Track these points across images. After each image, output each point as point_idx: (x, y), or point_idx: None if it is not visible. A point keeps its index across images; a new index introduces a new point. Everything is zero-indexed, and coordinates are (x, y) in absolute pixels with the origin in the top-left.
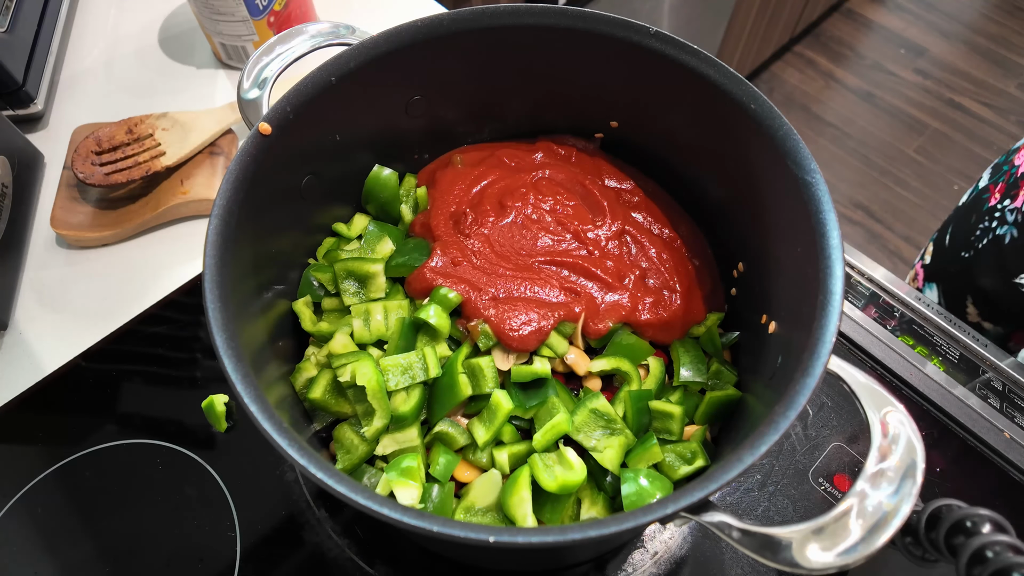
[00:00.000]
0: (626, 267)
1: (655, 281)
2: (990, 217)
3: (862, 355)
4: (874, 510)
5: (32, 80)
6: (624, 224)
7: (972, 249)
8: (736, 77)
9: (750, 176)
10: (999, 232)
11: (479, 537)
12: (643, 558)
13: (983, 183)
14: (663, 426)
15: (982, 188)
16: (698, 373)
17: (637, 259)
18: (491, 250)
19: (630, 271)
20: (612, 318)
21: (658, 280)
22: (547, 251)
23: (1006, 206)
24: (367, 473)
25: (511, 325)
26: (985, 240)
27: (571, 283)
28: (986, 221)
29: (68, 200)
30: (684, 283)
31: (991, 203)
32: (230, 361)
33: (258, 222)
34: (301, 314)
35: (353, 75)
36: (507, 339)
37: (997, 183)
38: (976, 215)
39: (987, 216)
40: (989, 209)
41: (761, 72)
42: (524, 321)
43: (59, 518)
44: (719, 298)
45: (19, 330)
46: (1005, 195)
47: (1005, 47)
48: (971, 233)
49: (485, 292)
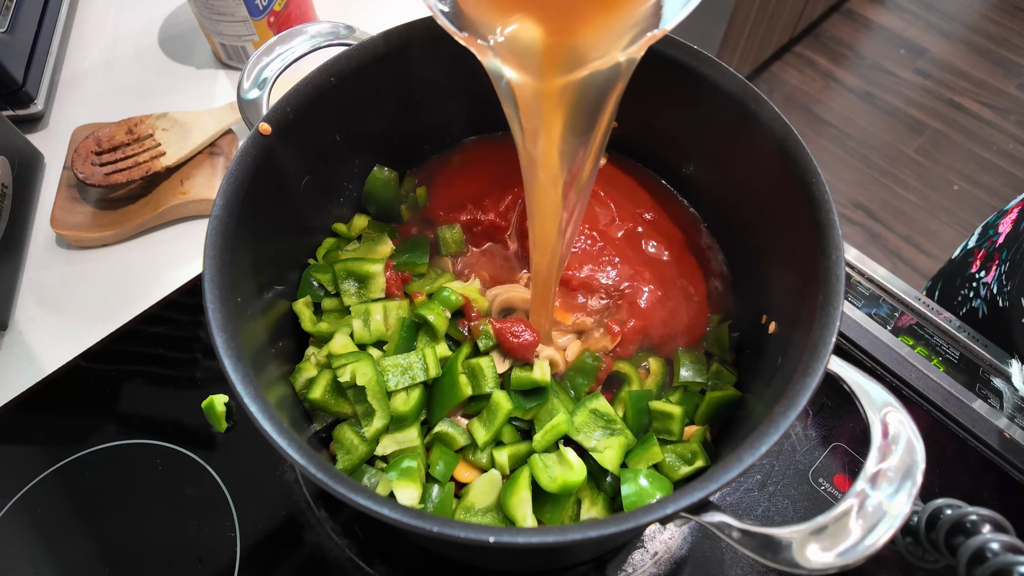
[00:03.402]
0: (633, 273)
1: (661, 291)
2: (969, 286)
3: (862, 355)
4: (874, 510)
5: (32, 80)
6: (634, 225)
7: (956, 314)
8: (736, 77)
9: (750, 176)
10: (974, 305)
11: (479, 537)
12: (643, 558)
13: (972, 242)
14: (663, 426)
15: (970, 248)
16: (698, 373)
17: (644, 263)
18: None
19: (637, 278)
20: (614, 335)
21: (666, 288)
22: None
23: (981, 279)
24: (367, 473)
25: (513, 331)
26: (965, 309)
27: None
28: (966, 289)
29: (68, 200)
30: (694, 288)
31: (973, 269)
32: (230, 361)
33: (258, 222)
34: (301, 314)
35: (353, 75)
36: (507, 344)
37: (981, 248)
38: (960, 278)
39: (968, 283)
40: (970, 276)
41: (761, 72)
42: (525, 327)
43: (59, 518)
44: (727, 301)
45: (19, 330)
46: (983, 265)
47: (1005, 47)
48: (954, 297)
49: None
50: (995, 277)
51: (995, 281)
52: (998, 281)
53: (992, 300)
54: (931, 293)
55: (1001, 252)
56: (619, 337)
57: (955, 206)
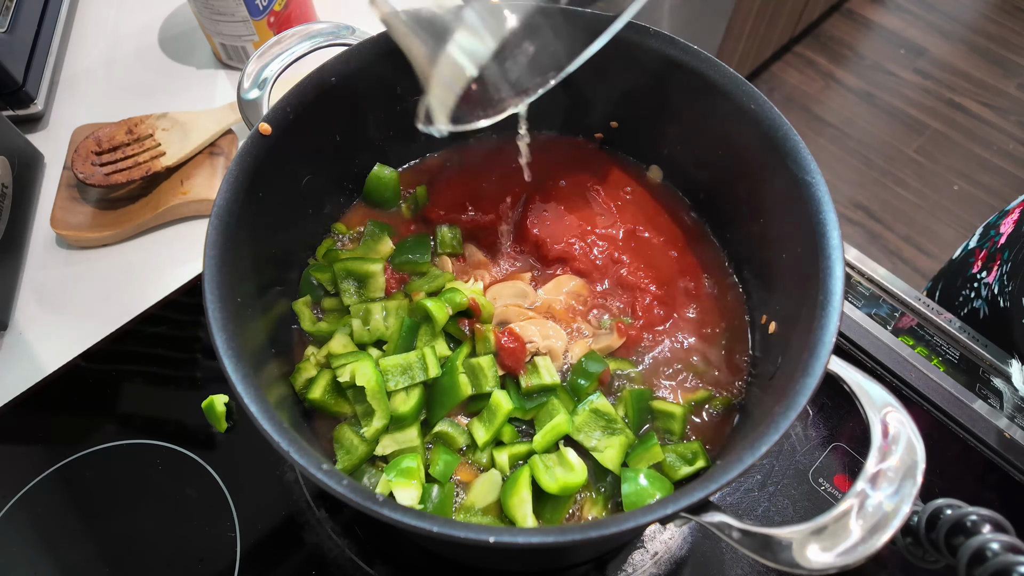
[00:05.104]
0: (636, 274)
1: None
2: (970, 286)
3: (862, 355)
4: (874, 510)
5: (32, 80)
6: (633, 226)
7: (957, 315)
8: (736, 77)
9: (750, 176)
10: (975, 305)
11: (479, 537)
12: (643, 558)
13: (973, 243)
14: (664, 426)
15: (971, 249)
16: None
17: (647, 264)
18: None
19: (641, 279)
20: (622, 332)
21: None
22: (558, 251)
23: (982, 279)
24: (367, 473)
25: (510, 347)
26: (966, 309)
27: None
28: (967, 289)
29: (68, 200)
30: (697, 289)
31: (974, 270)
32: (230, 361)
33: (258, 222)
34: (301, 314)
35: (353, 75)
36: (503, 356)
37: (982, 248)
38: (961, 279)
39: (969, 284)
40: (971, 276)
41: (761, 72)
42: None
43: (59, 518)
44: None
45: (19, 330)
46: (984, 266)
47: (1005, 47)
48: (955, 298)
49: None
50: (996, 277)
51: (996, 281)
52: (999, 281)
53: (993, 300)
54: (932, 293)
55: (1003, 252)
56: (625, 337)
57: (955, 206)
